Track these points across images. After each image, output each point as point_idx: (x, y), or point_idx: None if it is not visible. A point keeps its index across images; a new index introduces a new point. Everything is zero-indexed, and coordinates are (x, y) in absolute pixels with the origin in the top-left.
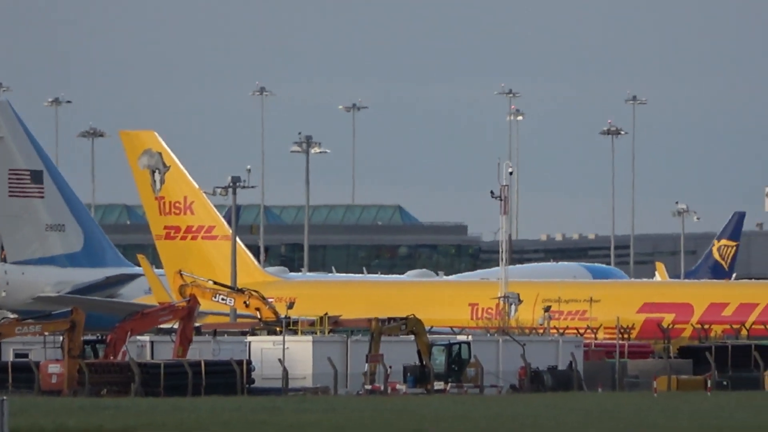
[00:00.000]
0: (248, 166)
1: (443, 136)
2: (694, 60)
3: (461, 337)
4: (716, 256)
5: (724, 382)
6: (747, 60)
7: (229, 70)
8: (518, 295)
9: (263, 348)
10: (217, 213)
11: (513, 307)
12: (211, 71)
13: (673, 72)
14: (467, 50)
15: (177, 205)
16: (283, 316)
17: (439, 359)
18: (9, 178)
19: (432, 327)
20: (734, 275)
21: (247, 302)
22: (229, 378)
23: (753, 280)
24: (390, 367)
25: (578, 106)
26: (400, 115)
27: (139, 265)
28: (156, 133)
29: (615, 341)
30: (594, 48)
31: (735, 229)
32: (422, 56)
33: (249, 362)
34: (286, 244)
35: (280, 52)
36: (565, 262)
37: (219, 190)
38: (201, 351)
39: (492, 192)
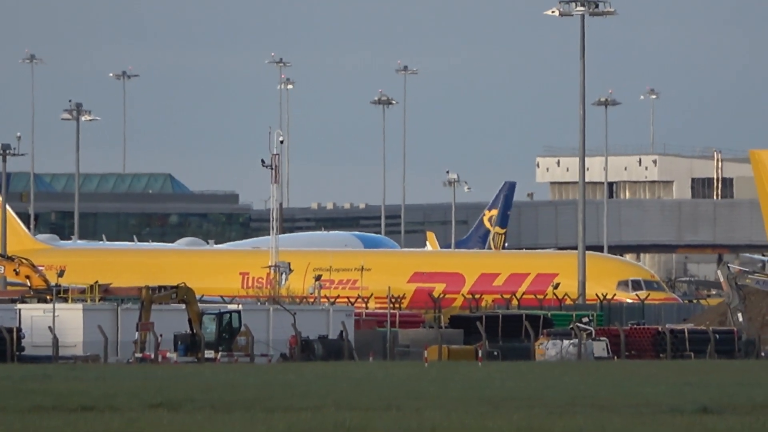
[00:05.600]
0: (18, 134)
1: (214, 105)
2: (464, 30)
3: (232, 306)
4: (487, 225)
5: (495, 352)
6: (516, 30)
7: None
8: (289, 264)
9: (33, 316)
10: None
11: (284, 276)
12: None
13: (443, 42)
14: (238, 18)
15: None
16: (53, 284)
17: (209, 328)
18: None
19: (203, 296)
20: (505, 245)
21: (17, 270)
22: None
23: (523, 250)
24: (161, 335)
25: (349, 75)
26: (171, 83)
27: None
28: None
29: (386, 310)
30: (366, 17)
31: (506, 199)
32: (193, 24)
33: (19, 330)
34: (56, 212)
35: (50, 20)
36: (337, 231)
37: None
38: None
39: (263, 161)
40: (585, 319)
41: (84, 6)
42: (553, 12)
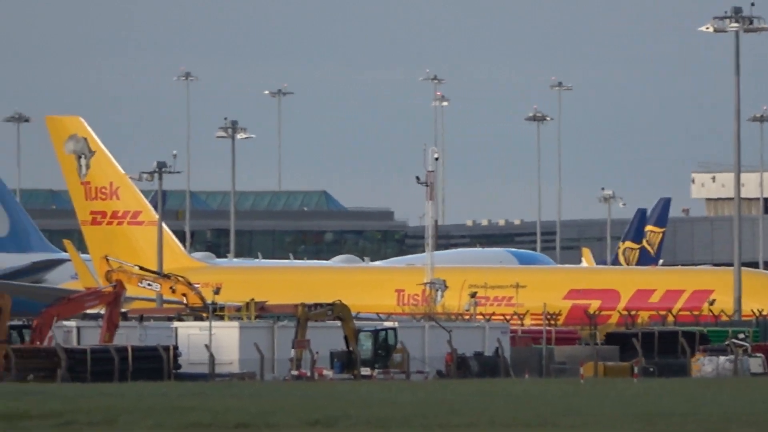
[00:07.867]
0: (174, 152)
1: (369, 122)
2: (619, 46)
3: (388, 323)
4: (643, 242)
5: (651, 369)
6: (670, 46)
7: (154, 55)
8: (444, 281)
9: (190, 334)
10: (143, 198)
11: (439, 293)
12: (136, 56)
13: (598, 58)
14: (392, 35)
15: (103, 190)
16: (209, 301)
17: (365, 345)
18: None
19: (358, 313)
20: (660, 261)
21: (174, 288)
22: (155, 363)
23: (679, 266)
24: (317, 352)
25: (504, 92)
26: (326, 100)
27: (65, 251)
28: (82, 119)
29: (542, 327)
30: (520, 33)
31: (661, 215)
32: (348, 42)
33: (175, 348)
34: (212, 230)
35: (206, 37)
36: (492, 248)
37: (145, 176)
38: (128, 336)
39: (418, 178)
40: (741, 336)
41: (239, 23)
42: (707, 28)
